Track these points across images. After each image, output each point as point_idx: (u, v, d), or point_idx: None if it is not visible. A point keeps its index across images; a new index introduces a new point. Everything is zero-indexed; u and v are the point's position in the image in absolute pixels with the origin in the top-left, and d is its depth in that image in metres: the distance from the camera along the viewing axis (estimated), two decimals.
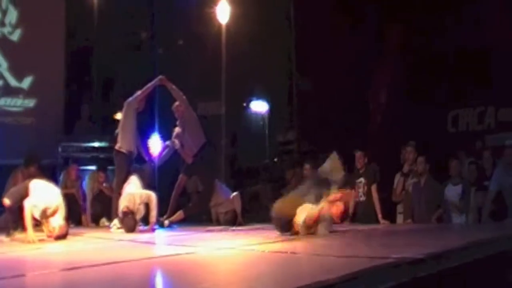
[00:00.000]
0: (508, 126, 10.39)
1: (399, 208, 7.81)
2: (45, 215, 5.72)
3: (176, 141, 7.91)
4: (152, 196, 6.93)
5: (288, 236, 5.32)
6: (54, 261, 4.49)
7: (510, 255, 4.10)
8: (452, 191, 7.31)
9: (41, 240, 5.68)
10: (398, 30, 11.80)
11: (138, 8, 12.09)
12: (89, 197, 8.87)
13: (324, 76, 11.21)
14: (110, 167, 8.98)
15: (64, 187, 8.37)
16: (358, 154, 7.82)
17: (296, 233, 5.30)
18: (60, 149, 9.90)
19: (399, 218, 7.71)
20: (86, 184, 8.97)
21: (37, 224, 5.92)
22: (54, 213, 5.76)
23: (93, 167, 9.35)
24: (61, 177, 9.04)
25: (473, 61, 10.24)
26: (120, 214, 6.94)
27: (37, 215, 5.74)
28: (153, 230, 6.89)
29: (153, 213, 6.90)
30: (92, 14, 11.31)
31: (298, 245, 4.70)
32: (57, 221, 5.79)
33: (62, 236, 5.81)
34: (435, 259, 3.43)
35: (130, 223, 6.76)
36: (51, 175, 8.33)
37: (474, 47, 10.21)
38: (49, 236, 5.82)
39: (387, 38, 11.91)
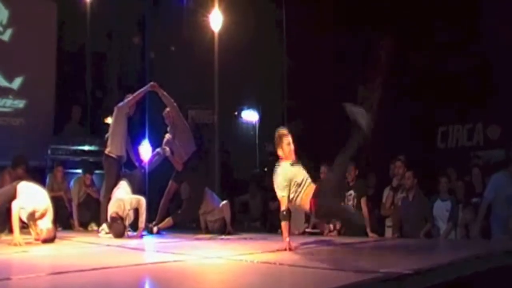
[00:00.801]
0: (496, 143, 10.48)
1: (388, 222, 7.84)
2: (33, 217, 5.68)
3: (167, 148, 7.91)
4: (142, 201, 6.91)
5: None
6: (40, 265, 4.44)
7: (498, 273, 4.12)
8: (441, 207, 7.36)
9: (28, 243, 5.64)
10: (389, 43, 11.89)
11: (131, 12, 12.11)
12: (74, 202, 8.81)
13: (316, 85, 11.26)
14: (98, 171, 8.95)
15: (50, 190, 8.32)
16: (349, 167, 7.83)
17: None
18: (49, 151, 9.84)
19: (388, 232, 7.74)
20: (72, 188, 8.90)
21: (24, 226, 5.88)
22: (42, 216, 5.72)
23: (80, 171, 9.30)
24: (47, 180, 8.98)
25: (464, 77, 10.34)
26: (109, 219, 6.91)
27: (24, 218, 5.70)
28: (141, 236, 6.86)
29: (142, 218, 6.88)
30: (85, 17, 11.31)
31: (287, 257, 4.69)
32: (45, 224, 5.75)
33: (49, 240, 5.76)
34: (422, 275, 3.45)
35: (119, 228, 6.73)
36: (40, 177, 8.28)
37: (466, 64, 10.30)
38: (36, 239, 5.78)
39: (377, 50, 12.00)
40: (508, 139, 10.14)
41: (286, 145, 5.40)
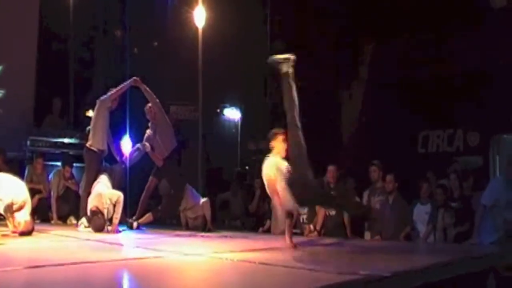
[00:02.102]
0: (475, 149, 10.62)
1: (367, 224, 7.89)
2: (11, 209, 5.59)
3: (147, 144, 7.86)
4: (121, 197, 6.86)
5: None
6: (17, 258, 4.38)
7: (477, 276, 4.17)
8: (421, 210, 7.43)
9: (4, 236, 5.55)
10: (372, 46, 11.97)
11: (114, 7, 12.03)
12: (54, 194, 8.72)
13: (299, 85, 11.27)
14: (78, 164, 8.86)
15: (29, 182, 8.23)
16: (331, 168, 7.86)
17: None
18: (28, 143, 9.71)
19: (367, 235, 7.78)
20: (51, 181, 8.81)
21: (1, 218, 5.79)
22: (20, 208, 5.64)
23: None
24: (26, 171, 8.87)
25: (445, 84, 10.45)
26: (88, 213, 6.84)
27: (1, 210, 5.61)
28: (117, 231, 6.80)
29: (117, 215, 6.81)
30: (68, 10, 11.20)
31: (267, 256, 4.69)
32: (23, 217, 5.67)
33: (27, 232, 5.68)
34: (401, 277, 3.47)
35: (99, 222, 6.67)
36: (18, 169, 8.17)
37: (448, 70, 10.41)
38: (13, 232, 5.69)
39: (361, 53, 12.07)
40: (487, 145, 10.29)
41: (281, 141, 5.45)
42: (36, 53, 10.41)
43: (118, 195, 6.88)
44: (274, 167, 5.28)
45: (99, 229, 6.65)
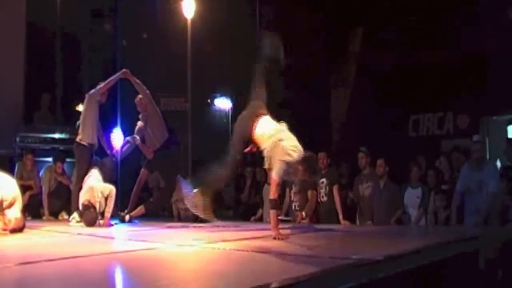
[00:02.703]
0: (465, 131, 10.67)
1: (358, 210, 7.92)
2: (1, 207, 5.56)
3: (137, 137, 7.85)
4: (113, 191, 6.85)
5: None
6: (9, 255, 4.36)
7: (468, 257, 4.20)
8: (412, 194, 7.46)
9: None
10: (361, 31, 11.95)
11: None
12: (45, 190, 8.69)
13: (289, 74, 11.27)
14: (69, 160, 8.83)
15: (20, 178, 8.20)
16: (321, 154, 7.87)
17: None
18: (18, 139, 9.65)
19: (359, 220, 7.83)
20: (43, 177, 8.78)
21: None
22: (10, 205, 5.60)
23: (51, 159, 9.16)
24: (16, 168, 8.83)
25: (436, 67, 10.47)
26: (80, 207, 6.83)
27: None
28: (109, 225, 6.79)
29: (109, 208, 6.81)
30: (55, 2, 11.10)
31: (260, 244, 4.70)
32: (14, 214, 5.63)
33: (18, 229, 5.65)
34: (393, 261, 3.48)
35: (91, 216, 6.66)
36: (8, 166, 8.13)
37: (438, 54, 10.43)
38: (4, 229, 5.65)
39: (350, 38, 12.06)
40: (476, 128, 10.36)
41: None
42: (24, 47, 10.31)
43: (110, 188, 6.87)
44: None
45: (91, 223, 6.64)
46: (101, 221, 6.78)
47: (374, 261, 3.29)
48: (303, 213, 7.63)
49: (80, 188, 7.04)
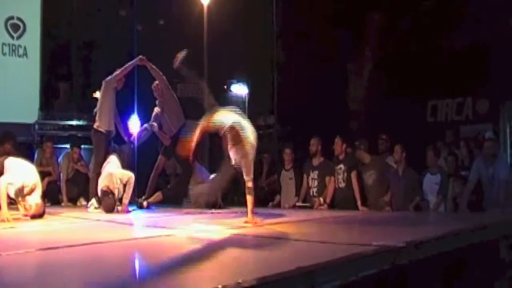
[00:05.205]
0: (485, 117, 10.53)
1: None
2: (22, 193, 5.61)
3: (154, 124, 7.84)
4: (132, 178, 6.85)
5: None
6: (29, 241, 4.40)
7: (489, 245, 4.15)
8: (430, 180, 7.37)
9: (16, 219, 5.57)
10: (378, 18, 11.82)
11: None
12: (63, 177, 8.76)
13: (306, 60, 11.20)
14: (86, 146, 8.87)
15: (39, 165, 8.26)
16: (337, 140, 7.81)
17: None
18: (36, 127, 9.73)
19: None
20: (61, 163, 8.85)
21: (12, 202, 5.80)
22: (31, 191, 5.65)
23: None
24: (36, 155, 8.91)
25: (454, 52, 10.32)
26: (99, 193, 6.86)
27: (12, 194, 5.62)
28: (127, 211, 6.82)
29: (127, 195, 6.81)
30: None
31: (278, 230, 4.69)
32: (34, 200, 5.68)
33: (38, 215, 5.70)
34: (415, 247, 3.44)
35: (110, 202, 6.68)
36: (28, 153, 8.19)
37: (457, 39, 10.28)
38: (25, 215, 5.71)
39: (368, 25, 11.93)
40: (496, 113, 10.21)
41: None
42: (40, 36, 10.36)
43: (129, 175, 6.87)
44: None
45: (109, 209, 6.67)
46: (119, 208, 6.80)
47: (396, 247, 3.25)
48: (321, 199, 7.61)
49: (99, 174, 7.06)
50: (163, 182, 8.43)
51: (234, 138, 5.11)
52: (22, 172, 5.73)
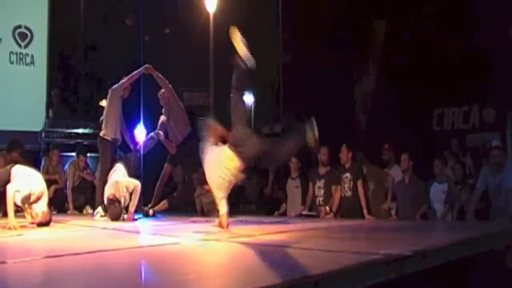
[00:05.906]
0: (491, 125, 10.49)
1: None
2: (29, 201, 5.63)
3: (160, 133, 7.87)
4: (138, 186, 6.84)
5: None
6: (36, 249, 4.40)
7: (496, 254, 4.12)
8: (437, 189, 7.35)
9: (22, 227, 5.58)
10: (384, 26, 11.83)
11: None
12: (70, 185, 8.78)
13: (312, 68, 11.21)
14: (93, 154, 8.89)
15: (45, 173, 8.29)
16: (343, 148, 7.79)
17: None
18: (43, 135, 9.76)
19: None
20: (67, 171, 8.87)
21: (19, 210, 5.82)
22: (38, 199, 5.67)
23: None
24: (42, 163, 8.93)
25: (460, 60, 10.31)
26: (105, 201, 6.86)
27: (18, 201, 5.64)
28: (133, 220, 6.81)
29: (133, 203, 6.80)
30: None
31: (284, 239, 4.67)
32: (41, 207, 5.69)
33: (45, 223, 5.71)
34: (422, 256, 3.42)
35: (116, 211, 6.69)
36: (34, 161, 8.22)
37: (462, 47, 10.27)
38: (31, 223, 5.73)
39: (372, 33, 11.95)
40: (503, 122, 10.17)
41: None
42: (47, 44, 10.43)
43: (135, 183, 6.87)
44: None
45: (115, 217, 6.67)
46: (125, 216, 6.80)
47: (403, 256, 3.24)
48: (327, 208, 7.59)
49: (105, 182, 7.06)
50: (169, 190, 8.43)
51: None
52: (29, 180, 5.75)
